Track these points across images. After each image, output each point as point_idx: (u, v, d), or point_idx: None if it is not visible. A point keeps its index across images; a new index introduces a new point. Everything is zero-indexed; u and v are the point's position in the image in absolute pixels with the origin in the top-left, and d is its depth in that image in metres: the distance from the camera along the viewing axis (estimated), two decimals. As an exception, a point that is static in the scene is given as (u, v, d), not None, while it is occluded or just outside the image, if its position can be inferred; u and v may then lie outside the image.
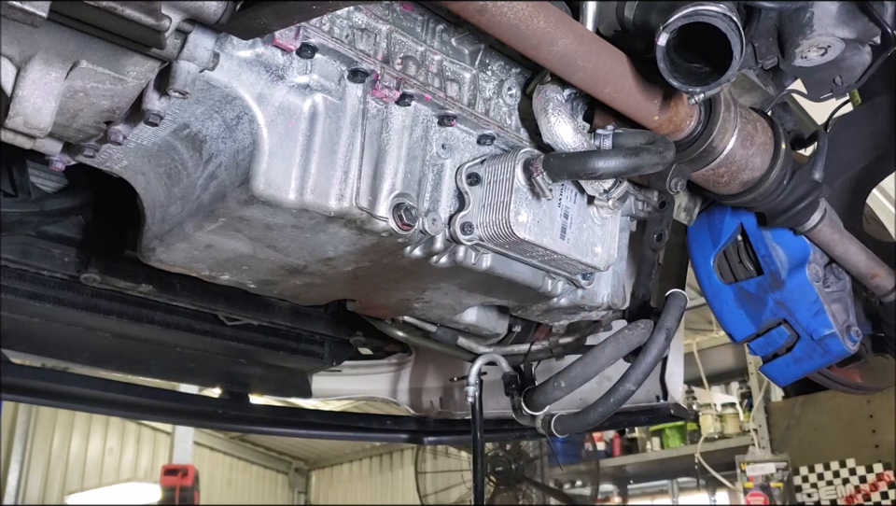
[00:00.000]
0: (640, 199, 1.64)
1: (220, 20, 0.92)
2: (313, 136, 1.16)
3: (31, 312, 1.88)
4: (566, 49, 1.13)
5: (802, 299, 1.71)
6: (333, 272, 1.37)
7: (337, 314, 2.31)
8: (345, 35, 1.17)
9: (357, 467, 12.40)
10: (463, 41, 1.34)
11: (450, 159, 1.34)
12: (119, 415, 6.02)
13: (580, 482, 7.32)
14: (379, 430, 3.08)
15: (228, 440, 11.57)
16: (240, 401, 2.57)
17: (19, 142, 1.01)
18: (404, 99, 1.24)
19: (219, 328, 2.18)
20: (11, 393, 2.29)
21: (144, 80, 1.00)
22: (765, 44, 1.49)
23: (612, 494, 7.95)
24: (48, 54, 0.92)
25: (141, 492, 8.65)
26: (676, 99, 1.32)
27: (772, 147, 1.49)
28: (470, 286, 1.50)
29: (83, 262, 1.83)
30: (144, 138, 1.18)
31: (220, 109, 1.13)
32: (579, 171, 1.25)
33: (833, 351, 1.71)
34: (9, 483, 8.54)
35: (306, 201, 1.14)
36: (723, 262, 1.83)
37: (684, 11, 1.11)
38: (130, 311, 2.00)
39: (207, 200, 1.18)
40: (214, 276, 1.39)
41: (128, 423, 9.87)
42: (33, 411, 8.80)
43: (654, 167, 1.25)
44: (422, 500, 7.18)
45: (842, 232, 1.69)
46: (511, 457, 6.49)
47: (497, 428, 2.73)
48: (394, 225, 1.23)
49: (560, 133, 1.28)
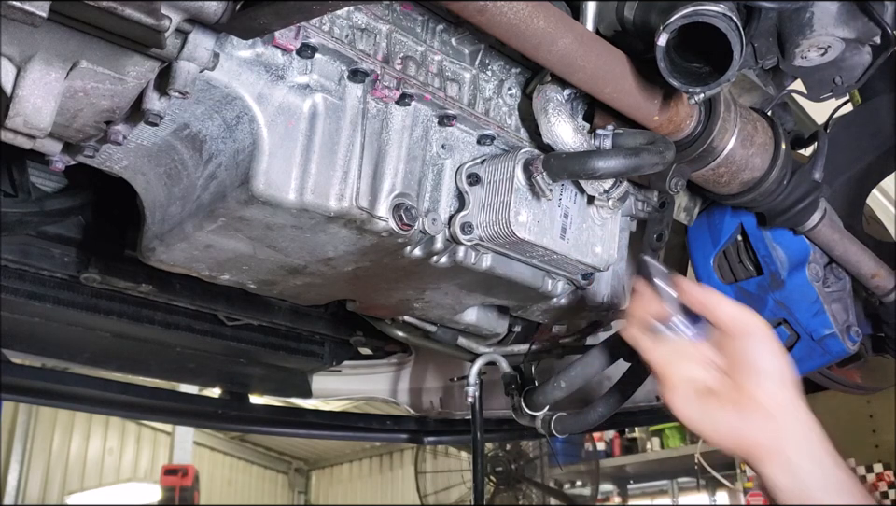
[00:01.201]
0: (640, 199, 1.64)
1: (220, 20, 0.92)
2: (313, 136, 1.16)
3: (31, 312, 1.88)
4: (566, 49, 1.13)
5: (802, 299, 1.71)
6: (333, 272, 1.37)
7: (337, 314, 2.31)
8: (345, 35, 1.17)
9: (356, 467, 12.40)
10: (463, 41, 1.34)
11: (450, 159, 1.34)
12: (119, 415, 6.02)
13: (580, 482, 7.33)
14: (379, 430, 3.09)
15: (228, 440, 11.58)
16: (240, 401, 2.57)
17: (19, 142, 1.01)
18: (404, 99, 1.24)
19: (219, 328, 2.18)
20: (11, 393, 2.29)
21: (144, 80, 1.00)
22: (765, 44, 1.48)
23: (612, 494, 7.95)
24: (48, 54, 0.92)
25: (141, 492, 8.65)
26: (676, 99, 1.32)
27: (772, 147, 1.49)
28: (470, 286, 1.49)
29: (83, 262, 1.83)
30: (144, 138, 1.18)
31: (220, 109, 1.13)
32: (579, 171, 1.25)
33: (833, 351, 1.71)
34: (9, 483, 8.54)
35: (306, 201, 1.14)
36: (723, 262, 1.83)
37: (684, 11, 1.11)
38: (130, 311, 2.00)
39: (207, 200, 1.18)
40: (214, 276, 1.39)
41: (128, 423, 9.87)
42: (33, 411, 8.80)
43: (654, 167, 1.25)
44: (422, 500, 7.18)
45: (842, 232, 1.69)
46: (510, 457, 6.49)
47: (497, 428, 2.73)
48: (394, 225, 1.23)
49: (560, 133, 1.28)
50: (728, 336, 1.04)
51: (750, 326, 1.04)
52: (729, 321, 1.04)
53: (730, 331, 1.04)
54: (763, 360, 1.02)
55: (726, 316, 1.04)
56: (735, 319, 1.04)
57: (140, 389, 2.37)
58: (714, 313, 1.05)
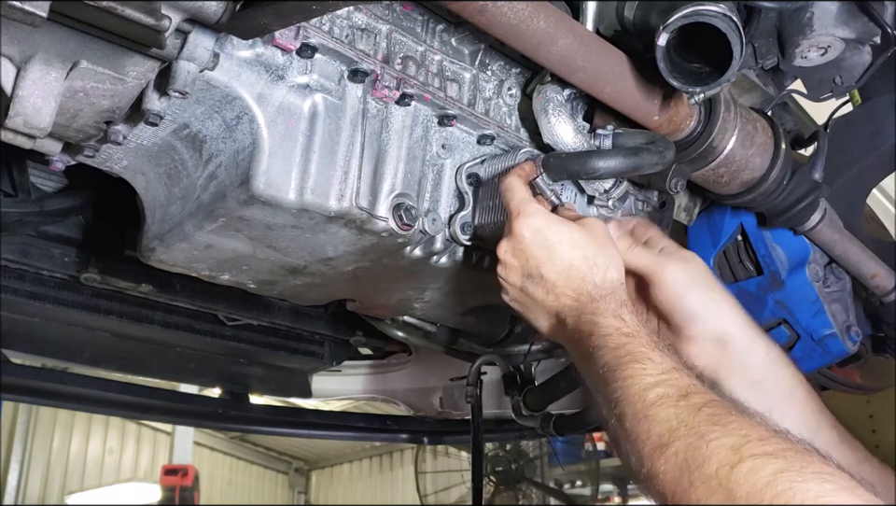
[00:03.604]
0: (640, 199, 1.64)
1: (220, 20, 0.92)
2: (313, 136, 1.16)
3: (31, 312, 1.88)
4: (566, 49, 1.13)
5: (802, 299, 1.71)
6: (333, 272, 1.37)
7: (337, 314, 2.32)
8: (345, 35, 1.17)
9: (356, 467, 12.41)
10: (463, 41, 1.34)
11: (450, 159, 1.34)
12: (119, 415, 6.02)
13: (580, 482, 7.33)
14: (379, 430, 3.09)
15: (228, 440, 11.58)
16: (240, 401, 2.57)
17: (19, 142, 1.01)
18: (404, 99, 1.24)
19: (219, 328, 2.18)
20: (11, 393, 2.29)
21: (144, 80, 1.00)
22: (765, 44, 1.48)
23: (612, 494, 7.95)
24: (48, 54, 0.92)
25: (141, 492, 8.66)
26: (676, 99, 1.32)
27: (772, 147, 1.49)
28: (470, 286, 1.49)
29: (83, 262, 1.83)
30: (144, 138, 1.18)
31: (220, 109, 1.13)
32: (579, 171, 1.25)
33: (833, 351, 1.71)
34: (9, 483, 8.54)
35: (306, 201, 1.14)
36: (723, 262, 1.83)
37: (684, 11, 1.11)
38: (130, 311, 2.00)
39: (207, 200, 1.18)
40: (214, 276, 1.39)
41: (128, 423, 9.88)
42: (33, 411, 8.81)
43: (654, 167, 1.25)
44: (422, 500, 7.19)
45: (842, 232, 1.69)
46: (511, 457, 6.50)
47: (497, 428, 2.73)
48: (394, 225, 1.23)
49: (560, 133, 1.28)
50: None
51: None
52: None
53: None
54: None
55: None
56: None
57: (140, 389, 2.37)
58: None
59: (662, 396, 0.93)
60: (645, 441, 0.90)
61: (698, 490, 0.81)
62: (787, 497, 0.74)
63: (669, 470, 0.85)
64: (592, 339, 1.05)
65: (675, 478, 0.84)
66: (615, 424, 0.96)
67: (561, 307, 1.12)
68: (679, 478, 0.84)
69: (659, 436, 0.89)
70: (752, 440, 0.82)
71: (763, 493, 0.76)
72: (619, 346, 1.02)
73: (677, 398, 0.92)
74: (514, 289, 1.18)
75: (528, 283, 1.15)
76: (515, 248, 1.15)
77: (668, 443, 0.87)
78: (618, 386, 0.97)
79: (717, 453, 0.82)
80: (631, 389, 0.95)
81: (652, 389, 0.94)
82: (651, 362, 0.98)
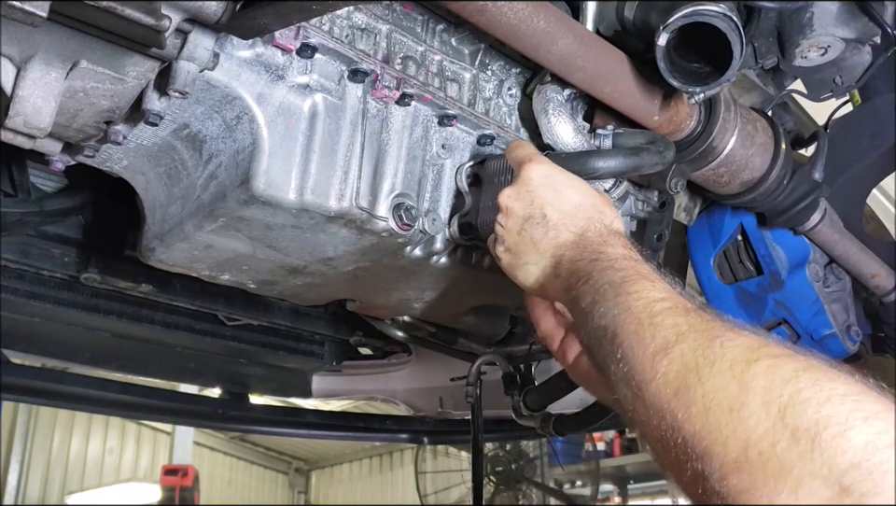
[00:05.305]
0: (640, 199, 1.64)
1: (220, 20, 0.92)
2: (313, 136, 1.16)
3: (31, 312, 1.88)
4: (566, 49, 1.13)
5: (802, 299, 1.71)
6: (333, 272, 1.37)
7: (337, 314, 2.31)
8: (345, 34, 1.17)
9: (357, 467, 12.40)
10: (463, 41, 1.34)
11: (450, 159, 1.34)
12: (119, 415, 6.03)
13: (580, 482, 7.33)
14: (379, 430, 3.09)
15: (228, 440, 11.57)
16: (240, 401, 2.57)
17: (19, 142, 1.01)
18: (404, 99, 1.24)
19: (219, 328, 2.18)
20: (11, 393, 2.29)
21: (144, 80, 1.00)
22: (765, 44, 1.49)
23: (612, 494, 7.95)
24: (48, 54, 0.92)
25: (141, 492, 8.65)
26: (676, 99, 1.32)
27: (772, 146, 1.49)
28: (470, 286, 1.49)
29: (83, 262, 1.82)
30: (144, 138, 1.18)
31: (220, 109, 1.13)
32: (579, 171, 1.25)
33: (833, 351, 1.71)
34: (9, 483, 8.54)
35: (306, 201, 1.14)
36: (723, 262, 1.83)
37: (684, 11, 1.11)
38: (130, 311, 2.00)
39: (207, 200, 1.18)
40: (214, 276, 1.39)
41: (128, 423, 9.87)
42: (33, 411, 8.80)
43: (654, 167, 1.25)
44: (422, 500, 7.18)
45: (842, 232, 1.69)
46: (511, 457, 6.49)
47: (496, 428, 2.73)
48: (394, 225, 1.23)
49: (560, 133, 1.28)
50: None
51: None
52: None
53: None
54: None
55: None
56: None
57: (140, 389, 2.37)
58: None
59: (671, 307, 0.83)
60: (648, 345, 0.79)
61: (705, 384, 0.71)
62: (810, 393, 0.65)
63: (672, 370, 0.75)
64: (595, 264, 0.96)
65: (678, 376, 0.74)
66: (607, 341, 0.85)
67: (562, 243, 1.04)
68: (683, 375, 0.73)
69: (664, 339, 0.78)
70: (771, 344, 0.73)
71: (782, 387, 0.67)
72: (626, 267, 0.93)
73: (686, 310, 0.82)
74: (511, 235, 1.10)
75: (527, 224, 1.07)
76: (521, 192, 1.09)
77: (673, 345, 0.77)
78: (620, 300, 0.87)
79: (731, 351, 0.72)
80: (637, 302, 0.85)
81: (661, 302, 0.84)
82: (661, 283, 0.89)
